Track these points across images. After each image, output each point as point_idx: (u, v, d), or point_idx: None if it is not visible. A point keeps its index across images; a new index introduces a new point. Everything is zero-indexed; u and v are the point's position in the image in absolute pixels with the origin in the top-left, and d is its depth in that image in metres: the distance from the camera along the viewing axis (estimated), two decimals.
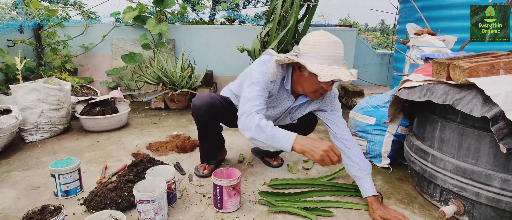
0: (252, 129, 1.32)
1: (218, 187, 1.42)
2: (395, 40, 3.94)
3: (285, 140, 1.29)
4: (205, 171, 1.81)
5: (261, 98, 1.40)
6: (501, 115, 1.13)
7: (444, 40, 2.27)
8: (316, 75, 1.30)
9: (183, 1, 4.65)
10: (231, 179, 1.41)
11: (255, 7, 4.85)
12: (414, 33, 2.44)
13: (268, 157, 2.01)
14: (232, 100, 1.73)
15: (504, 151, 1.13)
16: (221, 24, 4.63)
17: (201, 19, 4.58)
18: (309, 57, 1.32)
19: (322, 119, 1.67)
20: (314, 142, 1.29)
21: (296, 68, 1.46)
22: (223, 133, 1.89)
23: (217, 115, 1.62)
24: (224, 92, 1.78)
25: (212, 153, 1.85)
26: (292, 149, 1.29)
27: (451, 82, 1.37)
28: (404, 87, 1.59)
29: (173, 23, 4.07)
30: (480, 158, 1.30)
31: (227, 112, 1.66)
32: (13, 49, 3.27)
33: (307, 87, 1.44)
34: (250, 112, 1.35)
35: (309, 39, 1.36)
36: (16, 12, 3.67)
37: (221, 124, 1.76)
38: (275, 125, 1.38)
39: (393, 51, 4.60)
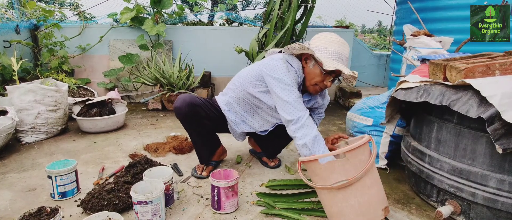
0: (309, 138, 1.38)
1: (215, 188, 1.42)
2: (392, 41, 3.96)
3: (322, 151, 1.38)
4: (204, 173, 1.81)
5: (301, 99, 1.48)
6: (497, 116, 1.14)
7: (440, 41, 2.29)
8: (320, 68, 1.45)
9: (182, 2, 4.65)
10: (228, 180, 1.41)
11: (254, 8, 4.87)
12: (411, 35, 2.46)
13: (266, 157, 2.01)
14: (226, 107, 1.72)
15: (500, 151, 1.14)
16: (220, 25, 4.63)
17: (200, 20, 4.58)
18: (318, 51, 1.45)
19: (313, 112, 1.80)
20: None
21: (302, 60, 1.55)
22: (221, 134, 1.89)
23: (200, 113, 1.62)
24: (221, 100, 1.75)
25: (209, 153, 1.84)
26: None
27: (447, 83, 1.38)
28: (401, 88, 1.60)
29: (175, 25, 4.07)
30: (476, 159, 1.31)
31: (210, 110, 1.68)
32: (10, 50, 3.26)
33: (309, 80, 1.53)
34: (305, 116, 1.43)
35: (320, 36, 1.50)
36: (12, 12, 3.65)
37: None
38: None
39: (390, 53, 4.62)
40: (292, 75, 1.47)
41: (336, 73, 1.49)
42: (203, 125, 1.67)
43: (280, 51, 1.62)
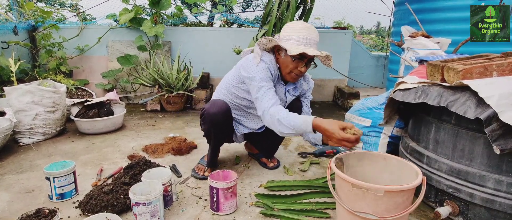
0: (276, 124, 1.44)
1: (214, 189, 1.41)
2: (390, 42, 3.97)
3: (305, 126, 1.38)
4: (206, 173, 1.81)
5: (270, 91, 1.52)
6: (494, 116, 1.15)
7: (438, 42, 2.30)
8: (290, 56, 1.49)
9: (181, 3, 4.66)
10: (227, 181, 1.41)
11: (254, 10, 4.88)
12: (409, 36, 2.47)
13: (264, 158, 2.01)
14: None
15: (498, 152, 1.14)
16: (219, 26, 4.63)
17: (200, 22, 4.58)
18: (286, 40, 1.50)
19: (301, 98, 1.81)
20: (329, 123, 1.32)
21: (276, 52, 1.60)
22: None
23: (228, 120, 1.69)
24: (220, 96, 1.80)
25: (217, 157, 1.91)
26: (314, 131, 1.38)
27: (445, 84, 1.38)
28: (399, 89, 1.61)
29: (174, 26, 4.06)
30: (474, 159, 1.32)
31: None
32: (8, 51, 3.25)
33: (284, 69, 1.57)
34: (268, 107, 1.47)
35: (287, 25, 1.55)
36: (11, 13, 3.64)
37: None
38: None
39: (388, 54, 4.63)
40: (262, 70, 1.52)
41: (308, 58, 1.51)
42: (225, 131, 1.74)
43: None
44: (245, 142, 2.12)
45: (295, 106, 1.80)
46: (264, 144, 1.96)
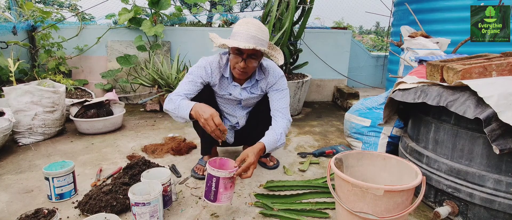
0: (166, 101, 1.59)
1: (214, 178, 1.30)
2: (389, 42, 3.97)
3: (186, 108, 1.51)
4: (205, 173, 1.81)
5: (190, 85, 1.65)
6: (493, 116, 1.15)
7: (437, 42, 2.30)
8: (231, 52, 1.57)
9: (180, 3, 4.65)
10: (229, 171, 1.32)
11: (252, 10, 4.88)
12: (408, 36, 2.47)
13: (263, 157, 2.01)
14: None
15: (497, 152, 1.15)
16: (218, 26, 4.63)
17: (199, 21, 4.58)
18: (231, 36, 1.56)
19: (269, 98, 1.77)
20: (204, 108, 1.46)
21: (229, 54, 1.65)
22: None
23: (211, 97, 1.79)
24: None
25: (211, 141, 1.86)
26: (190, 116, 1.50)
27: (444, 84, 1.38)
28: (399, 89, 1.61)
29: (173, 26, 4.05)
30: (473, 159, 1.32)
31: None
32: (6, 51, 3.24)
33: (231, 67, 1.64)
34: (177, 93, 1.61)
35: (236, 23, 1.59)
36: (9, 13, 3.63)
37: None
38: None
39: (387, 54, 4.64)
40: (197, 67, 1.67)
41: (246, 53, 1.53)
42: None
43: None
44: (242, 146, 2.12)
45: (259, 109, 1.81)
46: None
